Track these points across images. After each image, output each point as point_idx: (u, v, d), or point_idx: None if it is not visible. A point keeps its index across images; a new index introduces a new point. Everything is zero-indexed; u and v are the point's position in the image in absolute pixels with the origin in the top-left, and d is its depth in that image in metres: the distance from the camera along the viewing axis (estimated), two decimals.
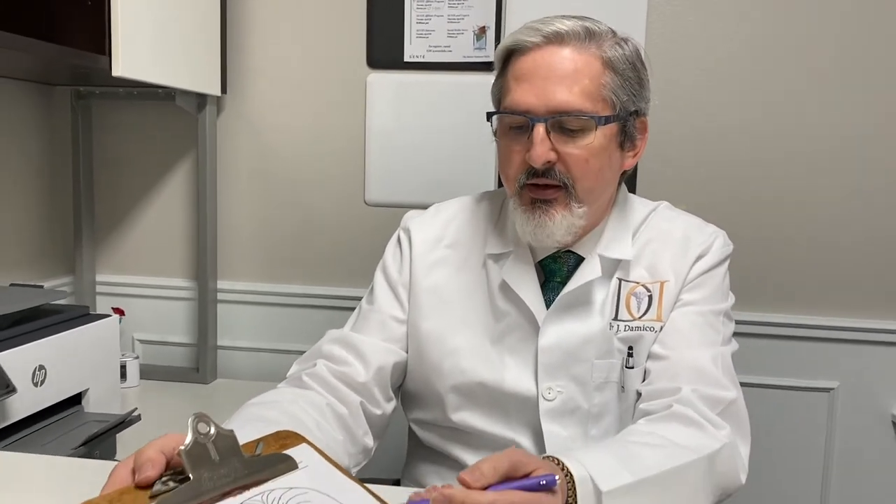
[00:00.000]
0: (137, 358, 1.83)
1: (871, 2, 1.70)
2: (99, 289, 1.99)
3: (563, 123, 0.97)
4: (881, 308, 1.78)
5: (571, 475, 0.72)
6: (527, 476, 0.66)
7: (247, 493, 0.66)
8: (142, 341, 2.00)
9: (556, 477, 0.64)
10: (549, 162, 0.97)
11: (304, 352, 1.12)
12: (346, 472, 0.74)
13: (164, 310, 2.00)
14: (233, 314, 1.97)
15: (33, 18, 1.46)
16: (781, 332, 1.80)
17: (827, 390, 1.80)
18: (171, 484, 0.65)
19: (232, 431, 0.69)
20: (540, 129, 0.96)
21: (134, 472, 0.65)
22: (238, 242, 1.97)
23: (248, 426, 0.82)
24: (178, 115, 1.90)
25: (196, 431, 0.66)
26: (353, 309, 1.17)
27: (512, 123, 1.01)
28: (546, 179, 0.98)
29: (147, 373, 1.86)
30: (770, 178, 1.78)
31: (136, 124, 1.96)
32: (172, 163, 1.97)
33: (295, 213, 1.95)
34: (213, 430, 0.67)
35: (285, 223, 1.95)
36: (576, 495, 0.71)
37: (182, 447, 0.65)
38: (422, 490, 0.65)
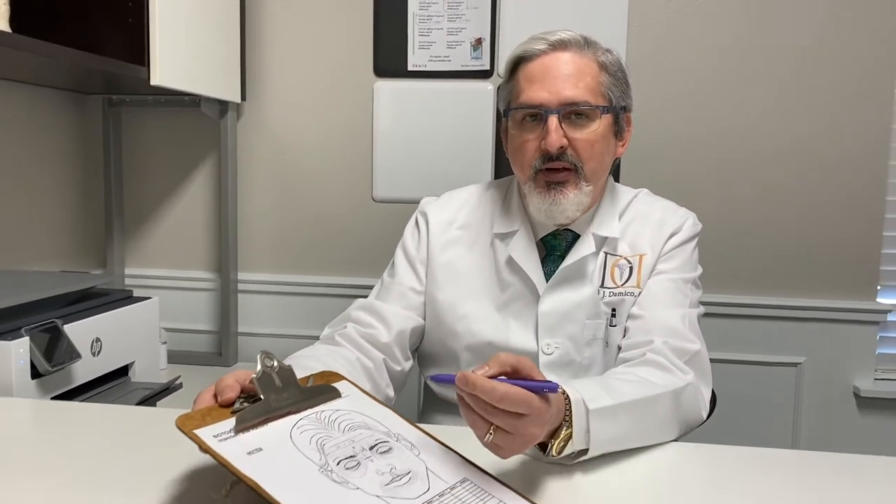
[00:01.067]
0: (165, 343, 1.99)
1: (827, 21, 1.90)
2: (128, 281, 2.16)
3: (573, 114, 1.15)
4: (842, 290, 1.97)
5: (568, 397, 0.89)
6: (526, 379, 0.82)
7: (304, 412, 0.83)
8: (168, 329, 2.15)
9: (558, 387, 0.80)
10: (562, 147, 1.14)
11: (318, 337, 1.27)
12: (378, 400, 0.92)
13: (189, 300, 2.16)
14: (252, 303, 2.14)
15: (81, 34, 1.63)
16: (753, 313, 1.98)
17: (794, 365, 1.99)
18: (246, 404, 0.82)
19: (290, 366, 0.86)
20: (554, 120, 1.14)
21: (215, 396, 0.82)
22: (257, 237, 2.14)
23: (296, 371, 0.99)
24: (202, 121, 2.07)
25: (264, 364, 0.84)
26: (363, 296, 1.33)
27: (526, 118, 1.18)
28: (559, 163, 1.16)
29: (173, 357, 2.02)
30: (741, 173, 1.97)
31: (163, 129, 2.14)
32: (195, 164, 2.15)
33: (308, 209, 2.12)
34: (276, 364, 0.85)
35: (300, 218, 2.12)
36: (571, 413, 0.89)
37: (254, 375, 0.82)
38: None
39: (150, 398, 1.43)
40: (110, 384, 1.48)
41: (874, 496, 0.84)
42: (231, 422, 0.77)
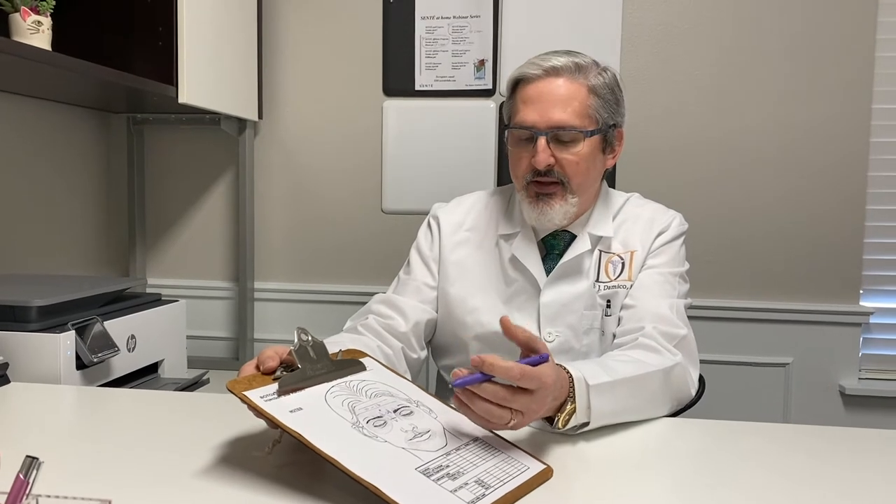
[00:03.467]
0: (185, 349, 2.09)
1: (809, 40, 2.03)
2: (150, 290, 2.26)
3: (560, 136, 1.27)
4: (827, 294, 2.08)
5: (571, 375, 0.99)
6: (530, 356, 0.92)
7: (335, 381, 0.95)
8: (187, 336, 2.26)
9: (548, 355, 0.91)
10: (549, 165, 1.26)
11: None
12: (399, 373, 1.03)
13: (207, 308, 2.27)
14: (268, 310, 2.25)
15: (116, 57, 1.75)
16: (742, 316, 2.10)
17: (783, 365, 2.10)
18: (285, 373, 0.93)
19: (322, 341, 0.98)
20: (542, 141, 1.26)
21: (258, 366, 0.93)
22: (272, 247, 2.26)
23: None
24: (220, 138, 2.20)
25: (300, 338, 0.95)
26: None
27: (520, 136, 1.30)
28: (547, 178, 1.28)
29: (193, 362, 2.12)
30: (730, 183, 2.09)
31: (184, 146, 2.27)
32: (214, 179, 2.27)
33: (321, 221, 2.24)
34: (310, 339, 0.96)
35: (313, 230, 2.24)
36: (574, 391, 0.99)
37: (292, 347, 0.94)
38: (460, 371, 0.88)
39: (182, 390, 1.54)
40: (142, 379, 1.58)
41: (860, 464, 0.93)
42: (274, 386, 0.89)
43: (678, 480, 0.88)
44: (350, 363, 1.00)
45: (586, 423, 0.99)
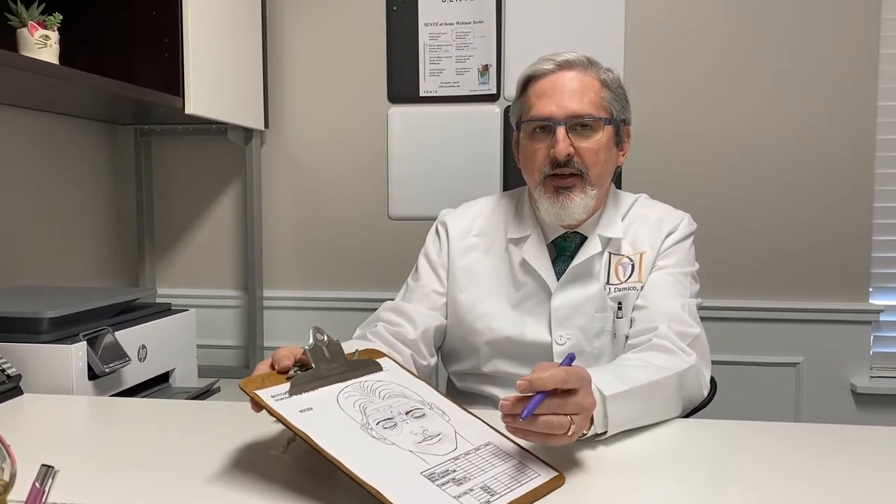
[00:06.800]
0: (196, 358, 2.10)
1: (814, 36, 2.03)
2: (159, 300, 2.26)
3: (579, 125, 1.28)
4: (836, 292, 2.08)
5: None
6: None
7: (349, 381, 0.95)
8: (197, 346, 2.26)
9: (573, 354, 0.92)
10: (569, 154, 1.27)
11: None
12: (416, 375, 1.03)
13: (217, 317, 2.28)
14: (277, 318, 2.26)
15: (122, 69, 1.77)
16: (751, 316, 2.09)
17: (793, 364, 2.09)
18: (299, 372, 0.93)
19: (338, 340, 0.98)
20: (561, 130, 1.26)
21: (272, 365, 0.94)
22: (281, 255, 2.27)
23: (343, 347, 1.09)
24: (227, 148, 2.21)
25: (315, 338, 0.95)
26: None
27: (536, 129, 1.30)
28: (566, 169, 1.28)
29: (203, 371, 2.12)
30: (737, 183, 2.09)
31: (191, 157, 2.28)
32: (222, 189, 2.28)
33: (329, 228, 2.25)
34: (326, 338, 0.96)
35: (321, 237, 2.25)
36: None
37: (307, 346, 0.94)
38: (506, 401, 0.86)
39: (194, 399, 1.55)
40: (154, 389, 1.59)
41: (872, 462, 0.93)
42: (286, 386, 0.89)
43: (690, 482, 0.88)
44: (366, 363, 1.00)
45: (604, 433, 0.98)
